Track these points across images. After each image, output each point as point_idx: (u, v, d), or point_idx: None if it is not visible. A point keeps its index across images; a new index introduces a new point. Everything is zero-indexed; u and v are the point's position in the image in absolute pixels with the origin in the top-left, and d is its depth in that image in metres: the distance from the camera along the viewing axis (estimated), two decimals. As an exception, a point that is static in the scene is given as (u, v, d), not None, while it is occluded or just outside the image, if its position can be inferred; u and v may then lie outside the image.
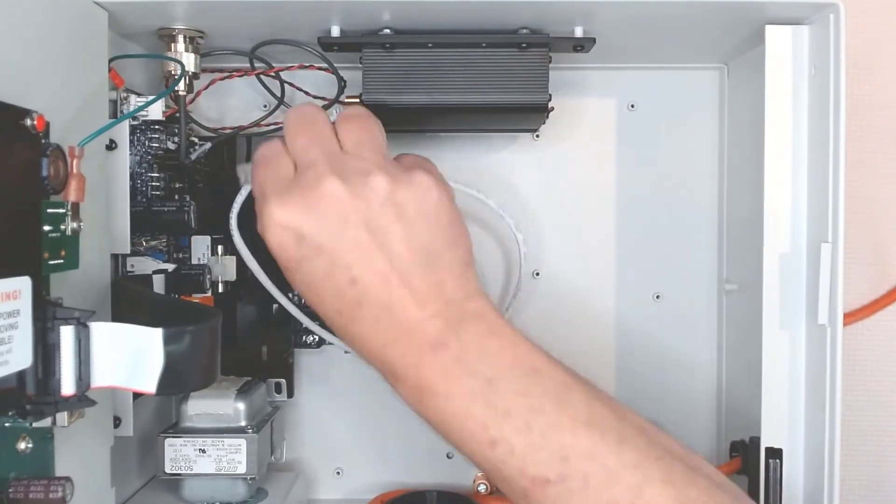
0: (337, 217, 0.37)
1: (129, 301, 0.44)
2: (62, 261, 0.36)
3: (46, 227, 0.35)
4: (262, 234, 0.39)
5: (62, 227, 0.36)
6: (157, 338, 0.33)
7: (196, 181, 0.56)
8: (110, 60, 0.46)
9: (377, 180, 0.38)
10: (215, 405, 0.51)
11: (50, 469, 0.35)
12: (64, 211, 0.36)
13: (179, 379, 0.34)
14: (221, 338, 0.55)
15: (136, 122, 0.49)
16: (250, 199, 0.43)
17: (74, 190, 0.36)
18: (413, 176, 0.40)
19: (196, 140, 0.55)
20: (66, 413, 0.34)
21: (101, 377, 0.33)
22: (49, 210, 0.35)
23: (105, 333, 0.33)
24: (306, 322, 0.52)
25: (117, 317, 0.44)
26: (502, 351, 0.38)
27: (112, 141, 0.47)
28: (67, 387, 0.33)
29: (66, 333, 0.33)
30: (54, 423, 0.34)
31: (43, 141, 0.35)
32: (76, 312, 0.33)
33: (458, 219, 0.41)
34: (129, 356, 0.33)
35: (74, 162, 0.36)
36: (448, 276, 0.39)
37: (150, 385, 0.34)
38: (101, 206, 0.44)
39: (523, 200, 0.60)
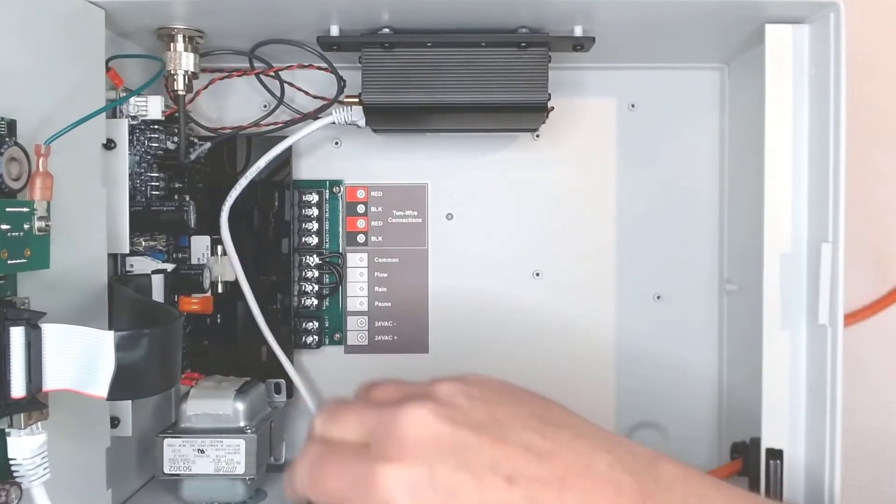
0: (445, 435, 0.32)
1: (117, 302, 0.44)
2: (25, 260, 0.35)
3: (4, 227, 0.34)
4: None
5: (25, 226, 0.35)
6: (109, 341, 0.33)
7: (196, 181, 0.56)
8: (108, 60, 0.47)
9: (443, 387, 0.34)
10: (214, 405, 0.51)
11: (4, 471, 0.34)
12: (28, 210, 0.35)
13: (132, 384, 0.34)
14: (220, 338, 0.56)
15: (135, 122, 0.49)
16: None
17: (40, 188, 0.35)
18: (462, 377, 0.36)
19: (196, 140, 0.55)
20: (22, 416, 0.33)
21: (52, 380, 0.33)
22: (8, 209, 0.34)
23: (57, 336, 0.33)
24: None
25: (111, 317, 0.44)
26: (709, 491, 0.34)
27: (111, 140, 0.47)
28: (17, 389, 0.32)
29: (16, 335, 0.32)
30: (11, 425, 0.33)
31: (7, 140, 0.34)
32: (26, 313, 0.33)
33: (529, 389, 0.37)
34: (81, 359, 0.33)
35: (40, 160, 0.35)
36: (582, 428, 0.34)
37: (101, 389, 0.33)
38: (97, 205, 0.44)
39: (523, 200, 0.60)
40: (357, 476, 0.31)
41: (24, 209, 0.35)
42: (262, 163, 0.53)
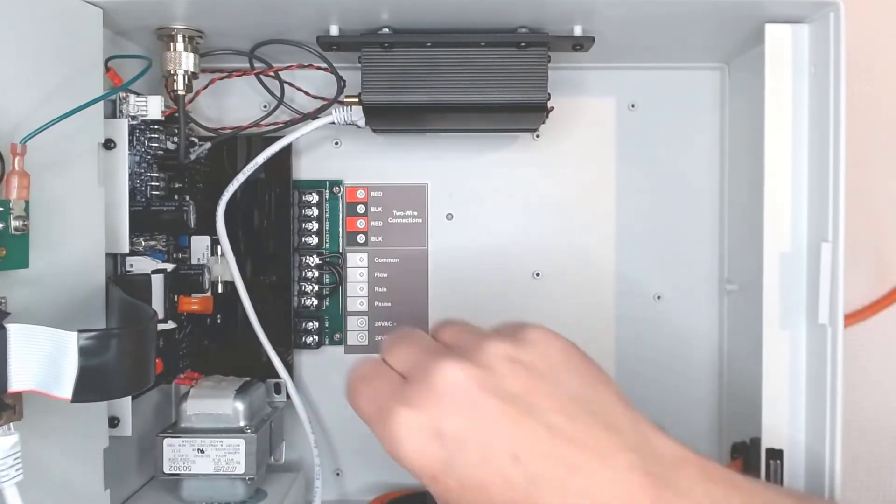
0: (469, 397, 0.32)
1: (109, 302, 0.44)
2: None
3: None
4: (394, 453, 0.33)
5: (0, 225, 0.35)
6: (72, 341, 0.32)
7: (196, 181, 0.56)
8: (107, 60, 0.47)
9: (493, 345, 0.34)
10: (214, 405, 0.51)
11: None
12: (3, 209, 0.35)
13: (98, 386, 0.33)
14: (220, 338, 0.56)
15: (135, 122, 0.49)
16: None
17: (16, 188, 0.35)
18: (526, 332, 0.35)
19: (196, 140, 0.55)
20: None
21: (17, 381, 0.32)
22: None
23: (22, 336, 0.32)
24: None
25: (108, 318, 0.44)
26: (730, 495, 0.32)
27: (110, 140, 0.47)
28: None
29: None
30: None
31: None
32: None
33: (590, 360, 0.36)
34: (46, 360, 0.32)
35: (16, 160, 0.35)
36: (619, 420, 0.33)
37: (66, 391, 0.33)
38: (94, 204, 0.44)
39: (523, 200, 0.60)
40: (381, 406, 0.34)
41: None
42: (259, 159, 0.53)
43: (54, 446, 0.39)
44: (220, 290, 0.56)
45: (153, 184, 0.51)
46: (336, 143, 0.60)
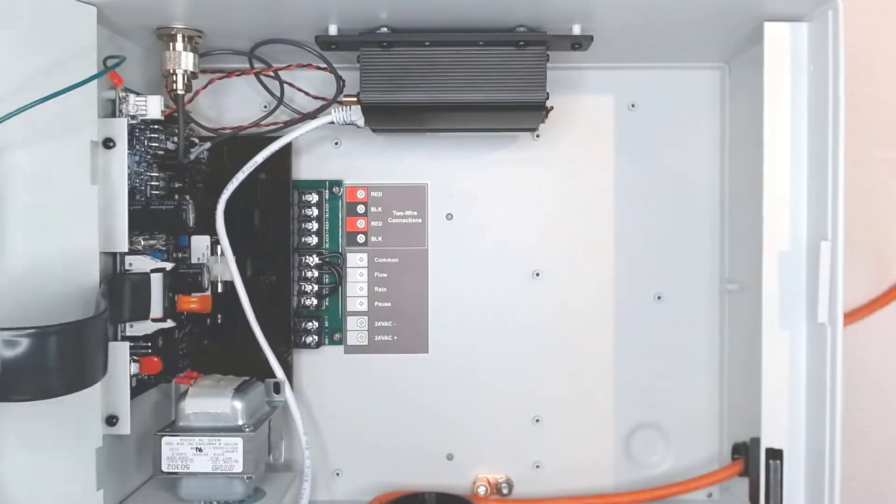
0: None
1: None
2: None
3: None
4: None
5: None
6: None
7: (196, 181, 0.56)
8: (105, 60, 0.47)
9: None
10: (212, 404, 0.51)
11: None
12: None
13: (27, 384, 0.33)
14: (219, 337, 0.56)
15: (134, 122, 0.49)
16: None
17: None
18: None
19: (196, 140, 0.56)
20: None
21: None
22: None
23: None
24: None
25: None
26: None
27: (110, 140, 0.47)
28: None
29: None
30: None
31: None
32: None
33: None
34: None
35: None
36: None
37: None
38: (86, 202, 0.44)
39: (523, 200, 0.60)
40: None
41: None
42: (259, 158, 0.53)
43: (45, 446, 0.39)
44: (219, 290, 0.56)
45: (153, 183, 0.51)
46: (336, 143, 0.60)
